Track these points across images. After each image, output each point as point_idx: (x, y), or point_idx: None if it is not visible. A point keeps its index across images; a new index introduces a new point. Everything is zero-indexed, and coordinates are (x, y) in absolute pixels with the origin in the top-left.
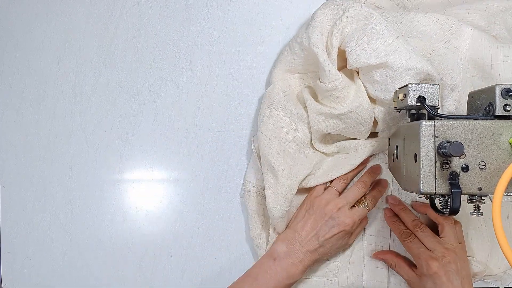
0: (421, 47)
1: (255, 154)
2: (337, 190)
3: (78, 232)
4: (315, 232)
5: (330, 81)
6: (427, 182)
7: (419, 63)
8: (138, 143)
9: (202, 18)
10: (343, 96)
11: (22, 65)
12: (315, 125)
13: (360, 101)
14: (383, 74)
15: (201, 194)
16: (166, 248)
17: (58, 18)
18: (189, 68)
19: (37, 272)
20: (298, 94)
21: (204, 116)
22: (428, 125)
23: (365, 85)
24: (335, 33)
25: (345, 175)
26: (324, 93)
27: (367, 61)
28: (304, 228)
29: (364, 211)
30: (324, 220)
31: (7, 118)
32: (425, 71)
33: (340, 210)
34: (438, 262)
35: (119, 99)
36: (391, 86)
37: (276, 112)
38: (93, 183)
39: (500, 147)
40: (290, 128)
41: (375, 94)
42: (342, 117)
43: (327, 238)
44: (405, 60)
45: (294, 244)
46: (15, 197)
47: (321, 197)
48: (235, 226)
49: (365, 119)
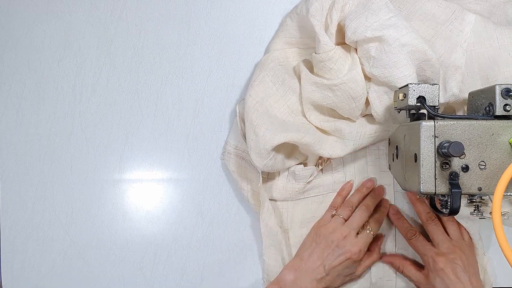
0: (423, 30)
1: (238, 117)
2: (343, 218)
3: (78, 232)
4: (322, 261)
5: (324, 52)
6: (427, 182)
7: (415, 40)
8: (138, 143)
9: (202, 18)
10: (336, 69)
11: (22, 65)
12: (307, 96)
13: (353, 74)
14: (379, 48)
15: (201, 194)
16: (166, 248)
17: (58, 18)
18: (189, 68)
19: (37, 272)
20: (294, 67)
21: (204, 116)
22: (428, 125)
23: (361, 62)
24: (335, 8)
25: (349, 201)
26: (318, 64)
27: (363, 34)
28: (311, 257)
29: (369, 236)
30: (331, 249)
31: (7, 118)
32: (421, 50)
33: (346, 238)
34: (444, 258)
35: (119, 99)
36: (385, 61)
37: (268, 78)
38: (93, 183)
39: (500, 147)
40: (280, 96)
41: (370, 71)
42: (333, 89)
43: (333, 266)
44: (401, 35)
45: (301, 273)
46: (15, 197)
47: (327, 225)
48: (235, 226)
49: (357, 94)
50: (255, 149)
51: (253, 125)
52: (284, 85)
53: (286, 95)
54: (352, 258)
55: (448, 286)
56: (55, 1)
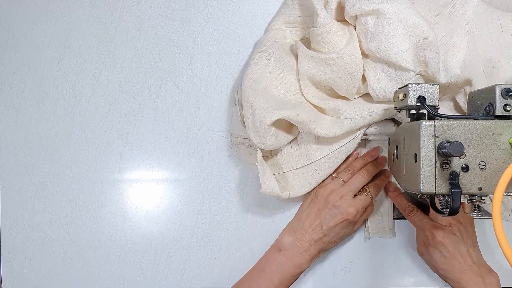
0: (425, 12)
1: (238, 103)
2: (343, 181)
3: (78, 232)
4: (319, 221)
5: (322, 25)
6: (427, 182)
7: (413, 16)
8: (138, 143)
9: (202, 18)
10: (333, 43)
11: (22, 65)
12: (304, 72)
13: (350, 48)
14: (376, 22)
15: (201, 194)
16: (166, 248)
17: (58, 18)
18: (189, 68)
19: (37, 272)
20: (292, 46)
21: (204, 116)
22: (428, 125)
23: (359, 39)
24: None
25: (352, 165)
26: (315, 38)
27: (362, 7)
28: (309, 218)
29: (367, 199)
30: (327, 209)
31: (7, 118)
32: (419, 26)
33: (342, 198)
34: (442, 231)
35: (119, 99)
36: (382, 35)
37: (265, 57)
38: (93, 183)
39: (500, 147)
40: (277, 74)
41: (368, 47)
42: (330, 63)
43: (330, 227)
44: (399, 9)
45: (299, 234)
46: (15, 197)
47: (326, 186)
48: (235, 226)
49: (353, 69)
50: (253, 128)
51: (250, 103)
52: (281, 63)
53: (283, 73)
54: (348, 219)
55: (446, 258)
56: (55, 1)
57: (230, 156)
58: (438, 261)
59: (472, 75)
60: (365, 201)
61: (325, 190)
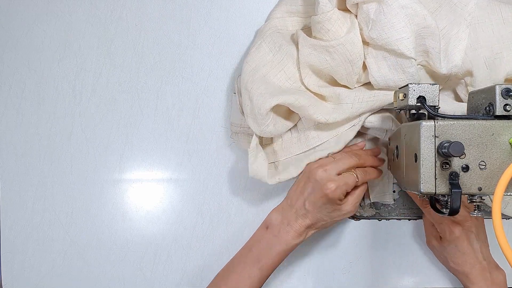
0: (427, 2)
1: (237, 92)
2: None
3: (78, 232)
4: (303, 197)
5: (323, 12)
6: (427, 182)
7: (415, 4)
8: (138, 143)
9: (202, 18)
10: (334, 30)
11: (22, 65)
12: (304, 59)
13: (351, 36)
14: (378, 9)
15: (201, 194)
16: (166, 248)
17: (58, 18)
18: (189, 68)
19: (37, 272)
20: (293, 35)
21: (204, 116)
22: (428, 125)
23: (360, 28)
24: None
25: (348, 149)
26: (316, 25)
27: None
28: (295, 193)
29: (351, 177)
30: (310, 183)
31: (7, 118)
32: (421, 15)
33: (325, 172)
34: (461, 226)
35: (119, 99)
36: (383, 23)
37: (265, 45)
38: (93, 183)
39: (500, 147)
40: (277, 62)
41: (369, 35)
42: (330, 51)
43: (312, 202)
44: None
45: (287, 211)
46: (15, 197)
47: (315, 162)
48: (235, 226)
49: (354, 57)
50: (251, 115)
51: (248, 90)
52: (281, 51)
53: (283, 61)
54: (327, 194)
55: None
56: (55, 1)
57: (230, 156)
58: (452, 255)
59: (473, 66)
60: (348, 179)
61: (313, 165)
